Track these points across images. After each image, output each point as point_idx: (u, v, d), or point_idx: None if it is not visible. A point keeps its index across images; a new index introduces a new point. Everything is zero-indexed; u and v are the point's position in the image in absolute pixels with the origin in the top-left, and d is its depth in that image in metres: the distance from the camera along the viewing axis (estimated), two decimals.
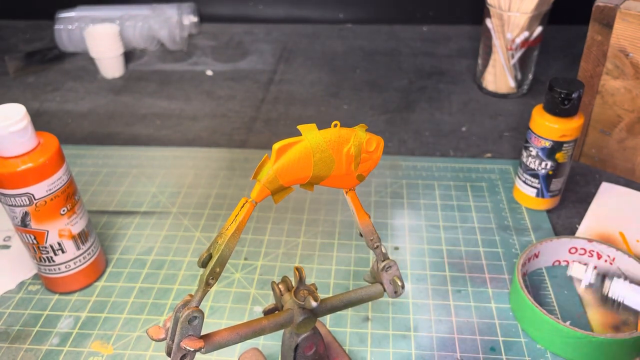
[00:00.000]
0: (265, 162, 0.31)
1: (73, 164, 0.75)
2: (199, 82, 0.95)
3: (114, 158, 0.76)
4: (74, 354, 0.50)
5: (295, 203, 0.66)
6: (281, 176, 0.31)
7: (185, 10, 1.07)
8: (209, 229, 0.63)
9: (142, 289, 0.56)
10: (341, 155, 0.33)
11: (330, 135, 0.32)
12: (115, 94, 0.92)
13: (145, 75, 0.98)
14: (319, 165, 0.32)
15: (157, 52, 1.05)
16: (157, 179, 0.71)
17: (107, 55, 0.95)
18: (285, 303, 0.37)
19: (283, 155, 0.30)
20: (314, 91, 0.91)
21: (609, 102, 0.67)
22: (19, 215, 0.49)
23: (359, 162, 0.34)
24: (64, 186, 0.50)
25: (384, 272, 0.39)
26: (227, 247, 0.31)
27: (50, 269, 0.53)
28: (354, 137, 0.33)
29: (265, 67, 0.99)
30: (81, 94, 0.93)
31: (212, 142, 0.79)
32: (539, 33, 0.83)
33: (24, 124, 0.47)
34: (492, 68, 0.87)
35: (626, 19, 0.62)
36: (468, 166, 0.72)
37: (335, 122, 0.32)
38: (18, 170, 0.47)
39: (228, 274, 0.57)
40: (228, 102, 0.89)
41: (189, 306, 0.32)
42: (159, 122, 0.84)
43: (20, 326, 0.53)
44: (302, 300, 0.36)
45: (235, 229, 0.31)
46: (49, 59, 1.03)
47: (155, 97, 0.91)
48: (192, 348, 0.32)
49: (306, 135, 0.31)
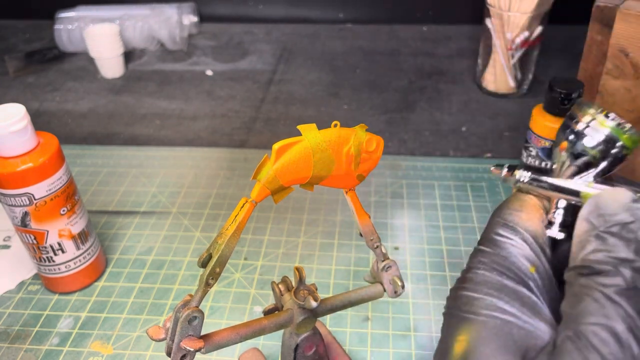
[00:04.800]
0: (265, 162, 0.30)
1: (73, 164, 0.75)
2: (198, 82, 0.95)
3: (114, 158, 0.76)
4: (73, 354, 0.50)
5: (295, 203, 0.66)
6: (281, 176, 0.30)
7: (185, 10, 1.07)
8: (209, 229, 0.63)
9: (142, 289, 0.56)
10: (341, 155, 0.33)
11: (330, 135, 0.32)
12: (115, 94, 0.92)
13: (145, 75, 0.98)
14: (319, 165, 0.32)
15: (157, 52, 1.05)
16: (157, 178, 0.71)
17: (107, 55, 0.95)
18: (285, 303, 0.37)
19: (283, 155, 0.30)
20: (314, 91, 0.91)
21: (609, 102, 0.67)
22: (19, 215, 0.49)
23: (359, 162, 0.34)
24: (64, 186, 0.50)
25: (384, 272, 0.39)
26: (227, 247, 0.31)
27: (50, 269, 0.53)
28: (354, 137, 0.33)
29: (265, 67, 0.99)
30: (81, 94, 0.93)
31: (212, 142, 0.79)
32: (539, 33, 0.83)
33: (23, 124, 0.47)
34: (492, 68, 0.87)
35: (626, 19, 0.62)
36: (468, 166, 0.72)
37: (335, 122, 0.32)
38: (18, 170, 0.47)
39: (228, 274, 0.57)
40: (228, 102, 0.89)
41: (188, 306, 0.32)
42: (158, 122, 0.84)
43: (20, 326, 0.53)
44: (302, 300, 0.36)
45: (235, 229, 0.30)
46: (49, 59, 1.03)
47: (155, 97, 0.91)
48: (192, 348, 0.32)
49: (306, 135, 0.31)
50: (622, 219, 0.20)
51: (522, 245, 0.23)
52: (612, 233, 0.20)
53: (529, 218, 0.24)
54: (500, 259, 0.22)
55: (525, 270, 0.22)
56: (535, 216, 0.25)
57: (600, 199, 0.22)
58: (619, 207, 0.21)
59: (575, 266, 0.20)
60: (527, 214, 0.25)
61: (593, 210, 0.21)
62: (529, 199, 0.26)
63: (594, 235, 0.21)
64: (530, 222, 0.24)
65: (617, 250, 0.20)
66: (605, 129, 0.27)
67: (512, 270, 0.22)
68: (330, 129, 0.32)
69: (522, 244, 0.23)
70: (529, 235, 0.23)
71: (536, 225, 0.24)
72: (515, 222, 0.24)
